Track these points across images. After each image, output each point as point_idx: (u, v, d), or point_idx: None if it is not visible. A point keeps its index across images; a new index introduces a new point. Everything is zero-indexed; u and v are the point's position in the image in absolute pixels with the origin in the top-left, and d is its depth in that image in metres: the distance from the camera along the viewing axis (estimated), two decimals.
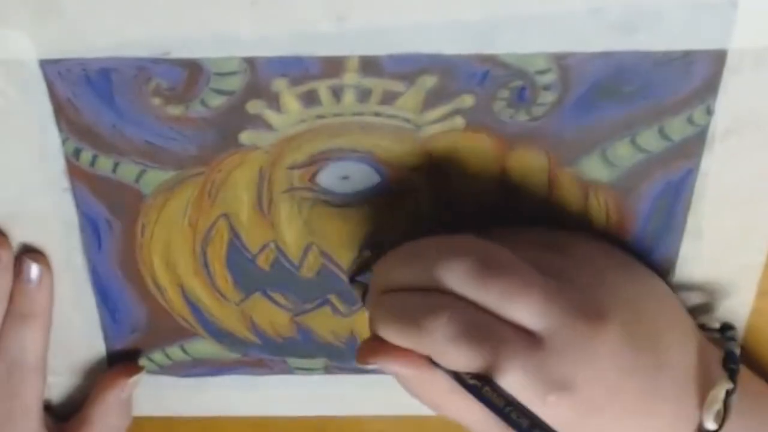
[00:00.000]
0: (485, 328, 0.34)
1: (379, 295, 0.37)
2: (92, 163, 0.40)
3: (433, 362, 0.35)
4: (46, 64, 0.36)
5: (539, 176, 0.40)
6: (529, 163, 0.39)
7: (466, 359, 0.34)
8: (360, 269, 0.41)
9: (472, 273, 0.34)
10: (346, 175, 0.40)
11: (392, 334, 0.35)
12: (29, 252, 0.42)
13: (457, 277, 0.34)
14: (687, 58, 0.36)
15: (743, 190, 0.39)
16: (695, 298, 0.43)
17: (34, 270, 0.42)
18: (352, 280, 0.41)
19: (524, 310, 0.34)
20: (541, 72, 0.37)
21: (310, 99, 0.38)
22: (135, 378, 0.46)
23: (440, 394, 0.36)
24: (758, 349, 0.44)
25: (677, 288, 0.42)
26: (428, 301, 0.35)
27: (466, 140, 0.39)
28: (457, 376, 0.34)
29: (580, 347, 0.34)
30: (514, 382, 0.34)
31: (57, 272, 0.43)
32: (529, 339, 0.34)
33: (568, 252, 0.38)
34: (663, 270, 0.42)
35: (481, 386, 0.34)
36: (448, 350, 0.34)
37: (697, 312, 0.43)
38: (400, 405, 0.48)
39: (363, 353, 0.36)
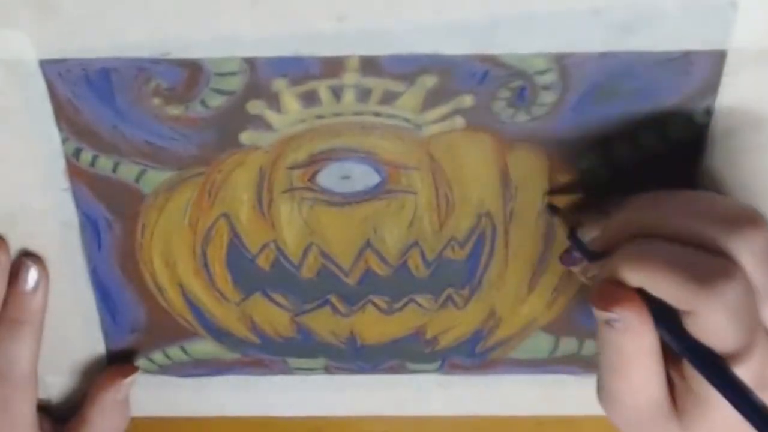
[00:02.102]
0: (755, 312, 0.32)
1: (639, 238, 0.34)
2: (92, 163, 0.40)
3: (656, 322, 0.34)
4: (46, 64, 0.36)
5: (539, 176, 0.40)
6: (529, 163, 0.39)
7: (723, 333, 0.32)
8: (560, 191, 0.40)
9: (765, 260, 0.33)
10: (346, 175, 0.40)
11: (664, 280, 0.33)
12: (27, 256, 0.42)
13: (751, 251, 0.32)
14: (687, 58, 0.36)
15: (743, 190, 0.39)
16: None
17: (31, 275, 0.42)
18: (553, 207, 0.40)
19: None
20: (541, 72, 0.37)
21: (310, 99, 0.38)
22: (130, 378, 0.46)
23: (638, 355, 0.34)
24: None
25: None
26: (717, 261, 0.32)
27: (466, 140, 0.39)
28: (688, 343, 0.33)
29: None
30: (750, 372, 0.32)
31: (57, 272, 0.43)
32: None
33: None
34: None
35: (709, 358, 0.32)
36: (720, 316, 0.32)
37: None
38: (400, 405, 0.48)
39: (606, 300, 0.34)
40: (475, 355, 0.46)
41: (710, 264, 0.32)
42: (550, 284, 0.43)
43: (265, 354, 0.46)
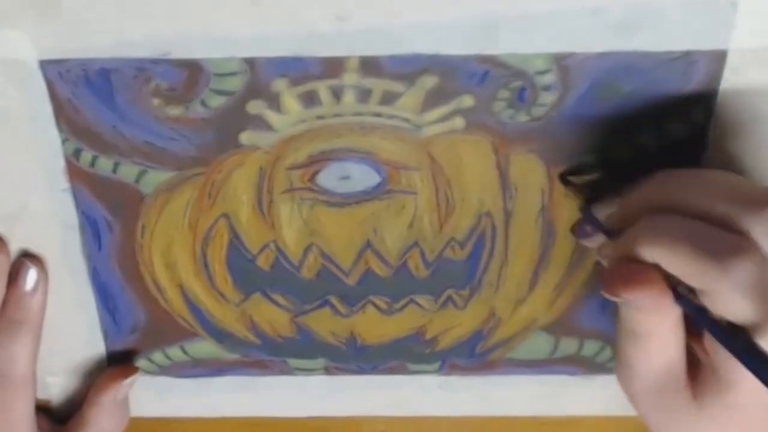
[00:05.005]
0: None
1: (654, 213, 0.34)
2: (92, 164, 0.40)
3: (676, 297, 0.34)
4: (46, 64, 0.37)
5: (539, 177, 0.40)
6: (529, 163, 0.39)
7: (739, 308, 0.32)
8: (577, 171, 0.39)
9: None
10: (346, 175, 0.40)
11: (677, 258, 0.33)
12: (26, 256, 0.42)
13: (767, 230, 0.32)
14: (687, 58, 0.36)
15: None
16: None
17: (31, 275, 0.42)
18: (565, 180, 0.40)
19: None
20: (541, 72, 0.37)
21: (310, 99, 0.38)
22: (130, 379, 0.45)
23: (655, 330, 0.34)
24: None
25: None
26: (732, 238, 0.32)
27: (466, 140, 0.39)
28: (706, 317, 0.33)
29: None
30: None
31: (57, 273, 0.43)
32: None
33: None
34: None
35: (731, 331, 0.33)
36: (732, 295, 0.32)
37: None
38: (400, 405, 0.48)
39: (616, 283, 0.34)
40: (475, 355, 0.46)
41: (724, 241, 0.32)
42: (550, 284, 0.43)
43: (265, 354, 0.46)
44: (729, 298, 0.32)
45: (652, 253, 0.33)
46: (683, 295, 0.34)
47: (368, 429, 0.49)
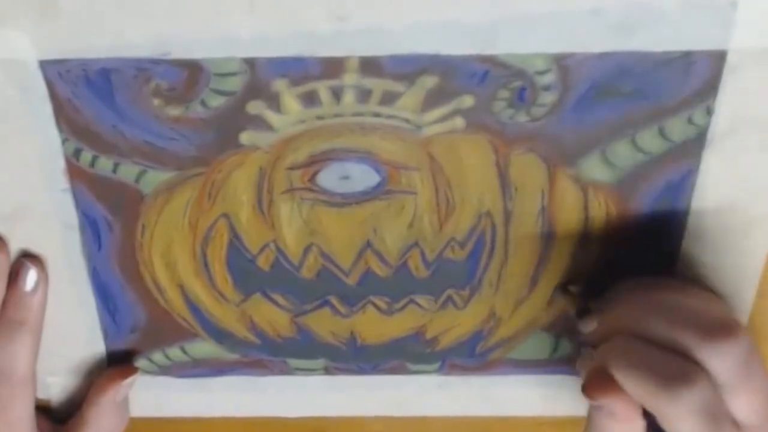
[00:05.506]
0: (720, 411, 0.36)
1: (621, 336, 0.38)
2: (92, 164, 0.40)
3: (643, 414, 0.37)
4: (46, 64, 0.37)
5: (539, 177, 0.40)
6: (529, 163, 0.39)
7: (689, 431, 0.36)
8: (575, 281, 0.43)
9: (736, 367, 0.36)
10: (346, 176, 0.40)
11: (633, 383, 0.37)
12: (26, 257, 0.42)
13: (721, 364, 0.36)
14: (687, 58, 0.36)
15: (743, 190, 0.39)
16: None
17: (31, 276, 0.42)
18: (564, 290, 0.43)
19: (752, 410, 0.36)
20: (541, 72, 0.37)
21: (310, 99, 0.38)
22: (129, 380, 0.45)
23: None
24: (758, 349, 0.44)
25: None
26: (683, 366, 0.36)
27: (466, 140, 0.39)
28: None
29: None
30: None
31: (57, 272, 0.43)
32: (738, 428, 0.37)
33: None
34: (664, 271, 0.42)
35: None
36: (684, 419, 0.35)
37: None
38: (400, 405, 0.48)
39: (594, 390, 0.38)
40: (475, 355, 0.46)
41: (676, 369, 0.36)
42: (549, 284, 0.43)
43: (265, 355, 0.46)
44: (679, 422, 0.35)
45: (615, 375, 0.37)
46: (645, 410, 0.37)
47: (368, 429, 0.49)
